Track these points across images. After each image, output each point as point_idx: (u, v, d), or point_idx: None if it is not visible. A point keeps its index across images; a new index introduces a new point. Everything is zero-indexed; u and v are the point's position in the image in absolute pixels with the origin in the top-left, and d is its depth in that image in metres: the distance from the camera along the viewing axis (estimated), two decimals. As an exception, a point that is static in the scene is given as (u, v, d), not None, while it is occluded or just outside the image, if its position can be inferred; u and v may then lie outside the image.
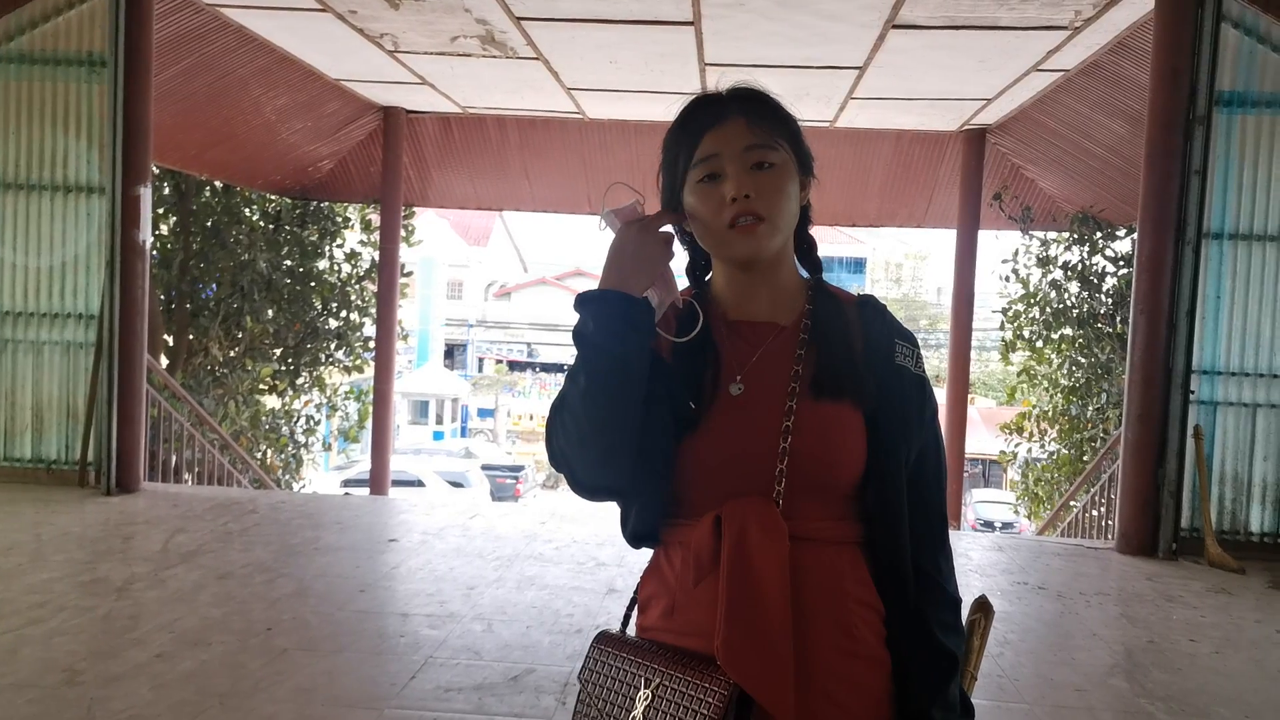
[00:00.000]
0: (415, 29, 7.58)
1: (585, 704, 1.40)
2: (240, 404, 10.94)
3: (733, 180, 1.38)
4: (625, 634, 1.45)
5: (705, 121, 1.42)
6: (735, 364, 1.43)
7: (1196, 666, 4.07)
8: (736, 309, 1.47)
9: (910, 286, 51.38)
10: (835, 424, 1.37)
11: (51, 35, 6.43)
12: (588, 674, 1.40)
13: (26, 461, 6.56)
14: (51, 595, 4.30)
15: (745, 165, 1.39)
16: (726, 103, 1.43)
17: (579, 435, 1.36)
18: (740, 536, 1.30)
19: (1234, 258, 5.89)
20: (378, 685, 3.52)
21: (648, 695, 1.32)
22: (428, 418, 35.75)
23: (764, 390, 1.39)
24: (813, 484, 1.36)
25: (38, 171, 6.47)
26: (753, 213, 1.37)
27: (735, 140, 1.39)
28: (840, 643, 1.35)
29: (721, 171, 1.39)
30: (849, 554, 1.38)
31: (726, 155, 1.39)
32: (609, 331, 1.35)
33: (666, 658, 1.34)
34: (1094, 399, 10.73)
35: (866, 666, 1.37)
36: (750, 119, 1.41)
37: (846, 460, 1.37)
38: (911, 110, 9.64)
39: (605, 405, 1.34)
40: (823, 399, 1.37)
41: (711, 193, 1.40)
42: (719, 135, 1.40)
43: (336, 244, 12.12)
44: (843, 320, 1.45)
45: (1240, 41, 5.81)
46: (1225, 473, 5.98)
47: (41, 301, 6.51)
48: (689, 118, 1.45)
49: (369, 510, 6.64)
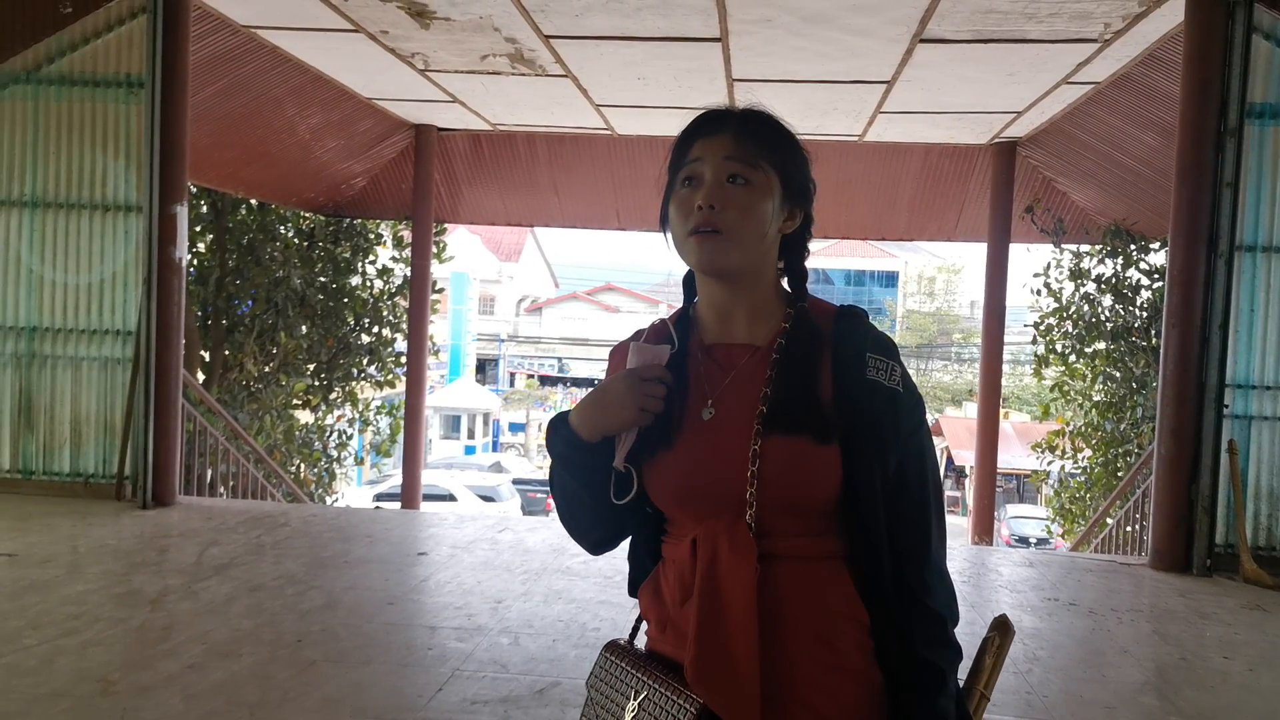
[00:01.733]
0: (446, 48, 7.67)
1: (589, 707, 1.45)
2: (274, 418, 11.06)
3: (704, 189, 1.41)
4: (633, 644, 1.50)
5: (700, 131, 1.46)
6: (709, 387, 1.44)
7: (1229, 684, 4.02)
8: (714, 332, 1.49)
9: (944, 300, 50.99)
10: (800, 457, 1.36)
11: (91, 57, 6.57)
12: (594, 680, 1.46)
13: (65, 475, 6.68)
14: (87, 607, 4.38)
15: (721, 176, 1.41)
16: (726, 116, 1.46)
17: (565, 520, 1.54)
18: (712, 559, 1.34)
19: (1267, 270, 5.83)
20: (404, 697, 3.55)
21: (634, 707, 1.36)
22: (460, 432, 35.92)
23: (733, 415, 1.40)
24: (785, 505, 1.36)
25: (77, 191, 6.60)
26: (712, 224, 1.39)
27: (718, 150, 1.42)
28: (821, 656, 1.35)
29: (700, 178, 1.42)
30: (831, 568, 1.39)
31: (708, 163, 1.42)
32: (567, 462, 1.47)
33: (658, 671, 1.37)
34: (1129, 413, 10.61)
35: (847, 679, 1.37)
36: (739, 135, 1.42)
37: (816, 484, 1.36)
38: (940, 124, 9.61)
39: (578, 513, 1.52)
40: (783, 434, 1.36)
41: (686, 197, 1.43)
42: (706, 144, 1.43)
43: (369, 260, 12.26)
44: (815, 340, 1.43)
45: (1272, 53, 5.76)
46: (1260, 488, 5.90)
47: (80, 318, 6.64)
48: (689, 126, 1.49)
49: (399, 524, 6.69)
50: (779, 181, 1.43)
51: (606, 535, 1.53)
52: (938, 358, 46.26)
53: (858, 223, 12.36)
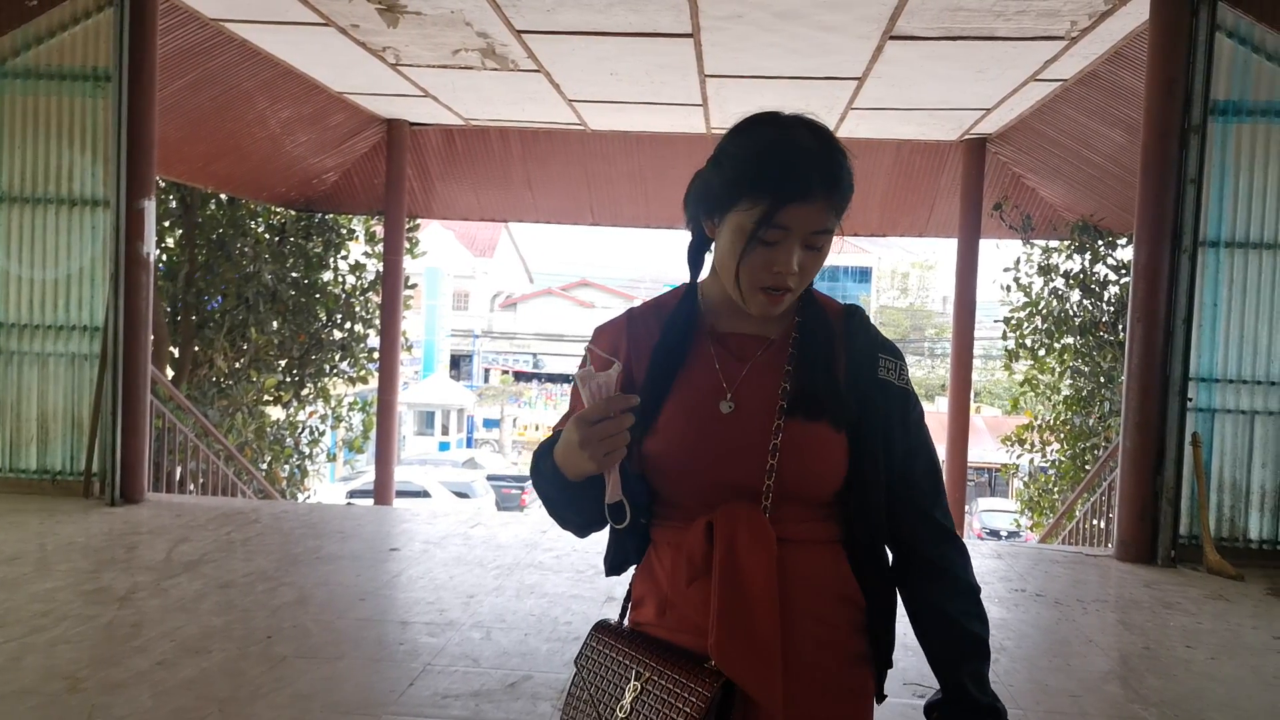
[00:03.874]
0: (417, 42, 7.65)
1: (580, 686, 1.47)
2: (245, 415, 10.98)
3: (789, 256, 1.38)
4: (622, 625, 1.53)
5: (792, 195, 1.35)
6: (725, 378, 1.46)
7: (1191, 672, 4.09)
8: (726, 321, 1.51)
9: (916, 296, 51.31)
10: (818, 442, 1.42)
11: (57, 50, 6.50)
12: (584, 659, 1.48)
13: (32, 472, 6.61)
14: (55, 604, 4.35)
15: (805, 244, 1.39)
16: (815, 171, 1.37)
17: (551, 515, 1.54)
18: (731, 543, 1.37)
19: (1230, 265, 5.92)
20: (376, 692, 3.55)
21: (637, 687, 1.38)
22: (433, 428, 35.82)
23: (753, 408, 1.44)
24: (797, 495, 1.42)
25: (43, 185, 6.54)
26: (788, 287, 1.41)
27: (810, 223, 1.37)
28: (819, 634, 1.43)
29: (782, 241, 1.38)
30: (830, 551, 1.46)
31: (796, 234, 1.37)
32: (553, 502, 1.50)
33: (657, 653, 1.41)
34: (1096, 407, 10.73)
35: (838, 654, 1.45)
36: (830, 204, 1.38)
37: (828, 475, 1.43)
38: (911, 120, 9.68)
39: (566, 516, 1.52)
40: (804, 419, 1.42)
41: (765, 255, 1.38)
42: (799, 214, 1.36)
43: (341, 256, 12.19)
44: (828, 334, 1.49)
45: (1235, 51, 5.84)
46: (1223, 480, 5.99)
47: (47, 314, 6.57)
48: (773, 165, 1.37)
49: (371, 519, 6.68)
50: (839, 222, 1.43)
51: (594, 522, 1.52)
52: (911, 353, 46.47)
53: (830, 218, 12.39)
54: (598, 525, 1.50)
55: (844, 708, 1.46)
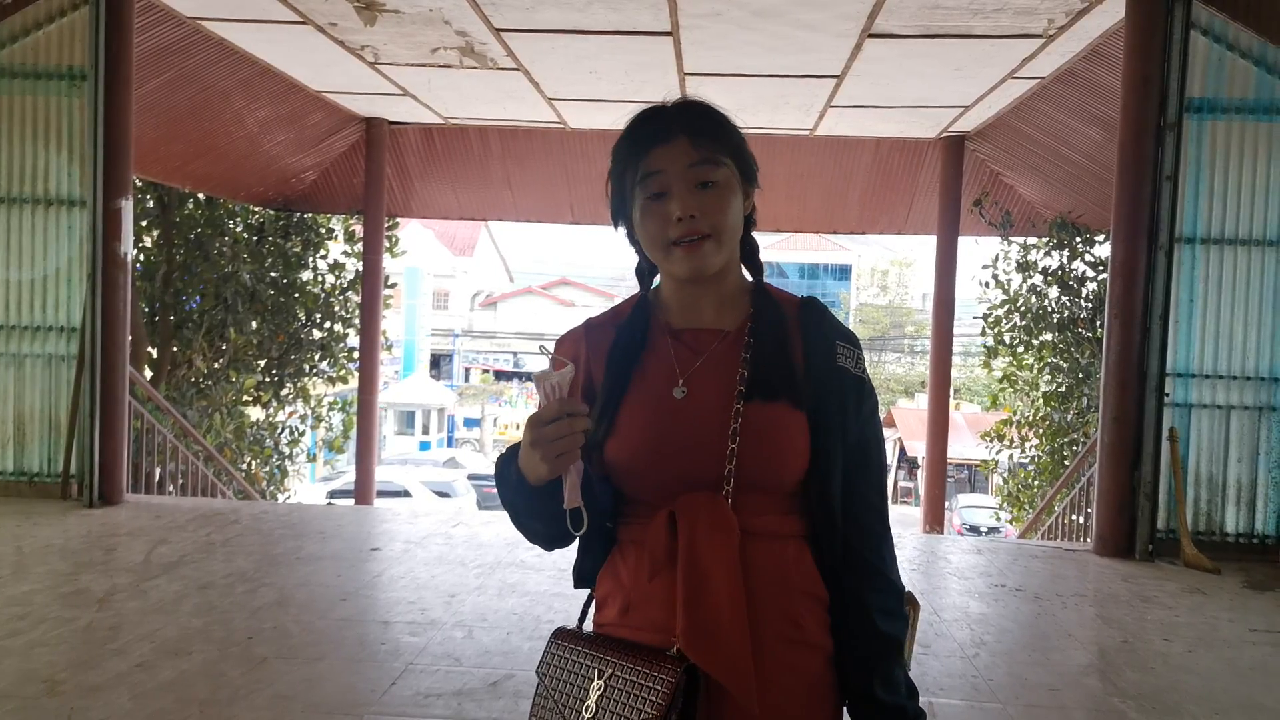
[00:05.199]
0: (395, 41, 7.62)
1: (543, 695, 1.45)
2: (224, 416, 10.92)
3: (678, 200, 1.41)
4: (581, 629, 1.50)
5: (651, 138, 1.43)
6: (680, 369, 1.47)
7: (1169, 665, 4.12)
8: (681, 317, 1.51)
9: (896, 293, 51.51)
10: (778, 424, 1.41)
11: (32, 49, 6.44)
12: (545, 668, 1.46)
13: (9, 474, 6.56)
14: (33, 607, 4.31)
15: (689, 184, 1.41)
16: (671, 118, 1.44)
17: (517, 527, 1.52)
18: (692, 531, 1.36)
19: (1206, 262, 5.97)
20: (357, 692, 3.54)
21: (601, 685, 1.37)
22: (414, 428, 35.67)
23: (708, 394, 1.43)
24: (758, 482, 1.40)
25: (18, 185, 6.48)
26: (697, 232, 1.41)
27: (680, 158, 1.41)
28: (786, 632, 1.41)
29: (667, 189, 1.42)
30: (794, 547, 1.44)
31: (671, 174, 1.41)
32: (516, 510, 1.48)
33: (619, 650, 1.39)
34: (1075, 403, 10.81)
35: (807, 652, 1.43)
36: (694, 137, 1.42)
37: (791, 459, 1.41)
38: (890, 118, 9.72)
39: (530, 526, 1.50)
40: (762, 400, 1.41)
41: (658, 210, 1.43)
42: (664, 153, 1.42)
43: (320, 255, 12.13)
44: (783, 323, 1.49)
45: (1210, 49, 5.90)
46: (1200, 474, 6.05)
47: (23, 315, 6.52)
48: (636, 131, 1.46)
49: (352, 520, 6.65)
50: (736, 170, 1.46)
51: (559, 536, 1.50)
52: (890, 350, 46.71)
53: (810, 216, 12.45)
54: (561, 540, 1.48)
55: (815, 707, 1.43)
